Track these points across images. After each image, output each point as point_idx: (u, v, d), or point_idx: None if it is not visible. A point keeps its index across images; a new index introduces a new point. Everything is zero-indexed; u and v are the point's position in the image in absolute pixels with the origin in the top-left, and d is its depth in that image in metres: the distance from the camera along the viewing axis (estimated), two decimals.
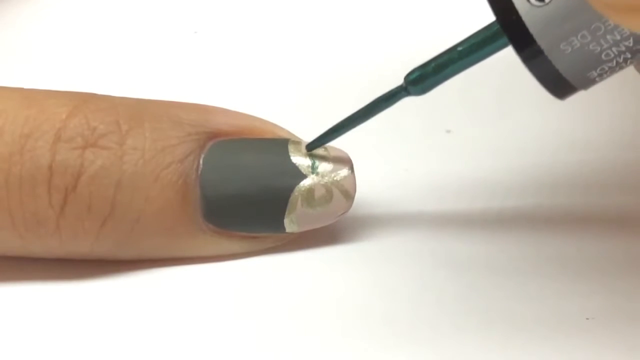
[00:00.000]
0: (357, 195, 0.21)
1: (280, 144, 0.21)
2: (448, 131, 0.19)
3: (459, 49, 0.19)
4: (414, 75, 0.19)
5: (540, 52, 0.17)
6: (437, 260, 0.21)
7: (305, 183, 0.21)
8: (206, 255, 0.21)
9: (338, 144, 0.22)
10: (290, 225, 0.21)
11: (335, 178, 0.21)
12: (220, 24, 0.30)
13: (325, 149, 0.21)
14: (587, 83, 0.18)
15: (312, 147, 0.21)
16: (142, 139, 0.20)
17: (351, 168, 0.21)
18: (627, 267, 0.21)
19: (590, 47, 0.17)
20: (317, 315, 0.20)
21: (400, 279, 0.21)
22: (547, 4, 0.17)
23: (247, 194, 0.21)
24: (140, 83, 0.27)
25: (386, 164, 0.22)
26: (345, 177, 0.21)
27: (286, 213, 0.21)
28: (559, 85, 0.18)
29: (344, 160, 0.21)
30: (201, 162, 0.21)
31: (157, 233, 0.21)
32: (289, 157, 0.21)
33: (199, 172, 0.21)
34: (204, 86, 0.27)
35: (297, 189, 0.21)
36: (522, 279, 0.21)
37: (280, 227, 0.21)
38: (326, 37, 0.29)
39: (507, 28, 0.17)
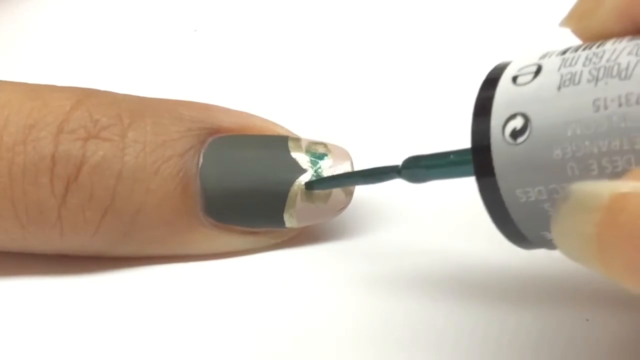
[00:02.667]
0: (357, 191, 0.21)
1: (279, 140, 0.22)
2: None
3: (451, 157, 0.18)
4: (407, 166, 0.19)
5: (497, 190, 0.16)
6: (436, 256, 0.21)
7: (305, 178, 0.21)
8: (205, 251, 0.21)
9: (337, 140, 0.22)
10: (290, 220, 0.21)
11: (335, 173, 0.21)
12: (220, 22, 0.30)
13: (325, 145, 0.22)
14: (544, 243, 0.17)
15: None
16: (144, 133, 0.20)
17: (351, 164, 0.21)
18: None
19: (545, 206, 0.16)
20: (316, 312, 0.20)
21: (400, 275, 0.21)
22: (518, 144, 0.16)
23: (247, 188, 0.21)
24: (140, 81, 0.27)
25: (386, 159, 0.22)
26: (345, 172, 0.21)
27: (285, 207, 0.21)
28: (514, 235, 0.17)
29: (344, 156, 0.21)
30: (201, 156, 0.21)
31: (157, 225, 0.21)
32: (288, 152, 0.21)
33: (199, 166, 0.21)
34: (204, 84, 0.27)
35: (296, 183, 0.21)
36: (522, 278, 0.21)
37: (279, 221, 0.21)
38: (326, 36, 0.29)
39: (475, 156, 0.17)
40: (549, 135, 0.15)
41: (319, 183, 0.21)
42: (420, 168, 0.19)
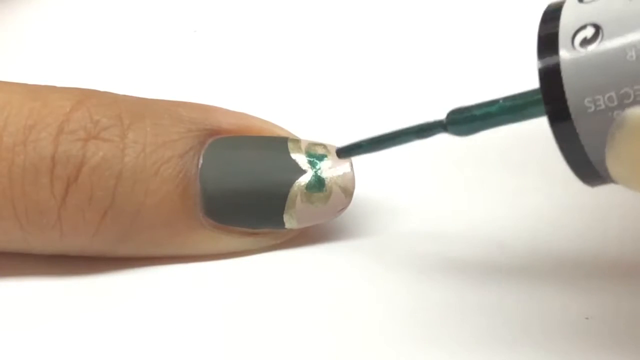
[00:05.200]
0: (357, 192, 0.21)
1: (279, 141, 0.22)
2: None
3: (501, 101, 0.18)
4: (454, 118, 0.18)
5: (564, 102, 0.16)
6: (437, 257, 0.21)
7: (305, 179, 0.21)
8: (205, 251, 0.21)
9: (337, 141, 0.22)
10: (290, 221, 0.21)
11: (334, 174, 0.21)
12: (219, 23, 0.30)
13: (325, 146, 0.22)
14: (603, 164, 0.16)
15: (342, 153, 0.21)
16: (143, 134, 0.20)
17: (350, 164, 0.21)
18: (627, 266, 0.21)
19: (614, 114, 0.16)
20: (315, 313, 0.20)
21: (400, 276, 0.21)
22: (588, 52, 0.16)
23: (247, 189, 0.21)
24: (140, 81, 0.27)
25: (386, 160, 0.22)
26: (344, 173, 0.21)
27: (285, 208, 0.21)
28: (577, 153, 0.17)
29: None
30: (201, 157, 0.21)
31: (156, 226, 0.21)
32: (288, 153, 0.21)
33: (199, 167, 0.21)
34: (203, 85, 0.27)
35: (296, 184, 0.21)
36: (522, 278, 0.21)
37: (279, 222, 0.21)
38: (326, 37, 0.29)
39: (542, 65, 0.16)
40: (622, 39, 0.16)
41: (351, 149, 0.20)
42: (469, 118, 0.18)
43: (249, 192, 0.21)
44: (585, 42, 0.16)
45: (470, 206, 0.23)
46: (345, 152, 0.20)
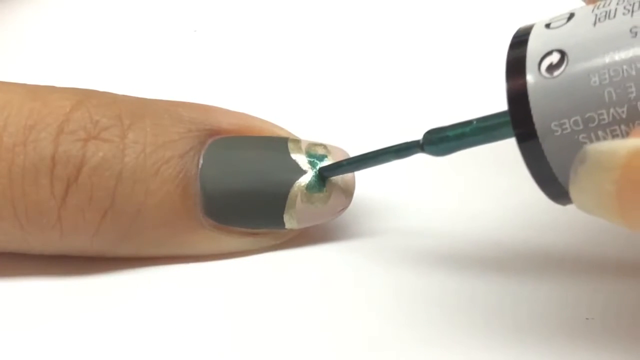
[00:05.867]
0: (357, 192, 0.21)
1: (279, 142, 0.22)
2: None
3: (474, 122, 0.18)
4: (430, 138, 0.19)
5: (532, 125, 0.16)
6: (436, 257, 0.21)
7: (305, 179, 0.21)
8: (205, 251, 0.21)
9: (337, 141, 0.22)
10: (290, 221, 0.21)
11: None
12: (219, 23, 0.30)
13: (325, 146, 0.22)
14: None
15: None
16: (143, 134, 0.20)
17: None
18: (627, 266, 0.21)
19: (580, 137, 0.16)
20: (315, 313, 0.20)
21: (400, 276, 0.21)
22: (555, 77, 0.16)
23: (247, 189, 0.21)
24: (139, 81, 0.27)
25: None
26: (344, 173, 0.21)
27: (285, 209, 0.21)
28: (545, 174, 0.17)
29: (344, 157, 0.21)
30: (201, 157, 0.21)
31: (156, 226, 0.21)
32: (288, 153, 0.21)
33: (199, 167, 0.21)
34: (203, 85, 0.27)
35: (296, 184, 0.21)
36: (522, 278, 0.21)
37: (279, 222, 0.21)
38: (326, 37, 0.29)
39: (511, 90, 0.17)
40: (586, 64, 0.16)
41: (333, 169, 0.21)
42: (444, 139, 0.19)
43: (249, 192, 0.21)
44: (552, 67, 0.16)
45: (470, 207, 0.23)
46: (328, 171, 0.21)
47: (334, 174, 0.21)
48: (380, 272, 0.21)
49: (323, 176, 0.21)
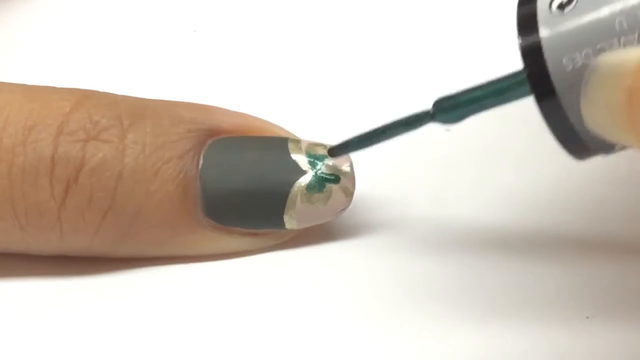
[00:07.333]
0: (357, 192, 0.21)
1: (279, 142, 0.22)
2: (448, 129, 0.19)
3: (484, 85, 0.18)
4: (441, 106, 0.19)
5: (543, 62, 0.16)
6: (436, 256, 0.21)
7: (305, 179, 0.21)
8: (205, 252, 0.21)
9: (336, 139, 0.22)
10: (290, 221, 0.21)
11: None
12: (220, 22, 0.30)
13: (325, 146, 0.22)
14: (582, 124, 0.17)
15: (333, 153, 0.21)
16: (143, 134, 0.20)
17: (350, 165, 0.21)
18: (627, 265, 0.21)
19: None
20: (315, 313, 0.20)
21: (400, 276, 0.21)
22: (565, 14, 0.16)
23: (247, 189, 0.21)
24: (139, 81, 0.27)
25: (386, 160, 0.22)
26: (344, 173, 0.21)
27: (285, 209, 0.21)
28: (557, 114, 0.17)
29: (344, 157, 0.21)
30: (201, 158, 0.21)
31: (157, 227, 0.21)
32: (288, 153, 0.21)
33: (199, 167, 0.21)
34: (203, 85, 0.27)
35: (296, 184, 0.21)
36: (522, 278, 0.21)
37: (279, 223, 0.21)
38: (326, 37, 0.29)
39: (522, 30, 0.17)
40: None
41: (342, 148, 0.21)
42: (456, 105, 0.18)
43: (249, 192, 0.21)
44: (562, 5, 0.16)
45: (471, 207, 0.23)
46: (337, 150, 0.21)
47: (343, 152, 0.21)
48: (381, 272, 0.21)
49: (333, 155, 0.21)
